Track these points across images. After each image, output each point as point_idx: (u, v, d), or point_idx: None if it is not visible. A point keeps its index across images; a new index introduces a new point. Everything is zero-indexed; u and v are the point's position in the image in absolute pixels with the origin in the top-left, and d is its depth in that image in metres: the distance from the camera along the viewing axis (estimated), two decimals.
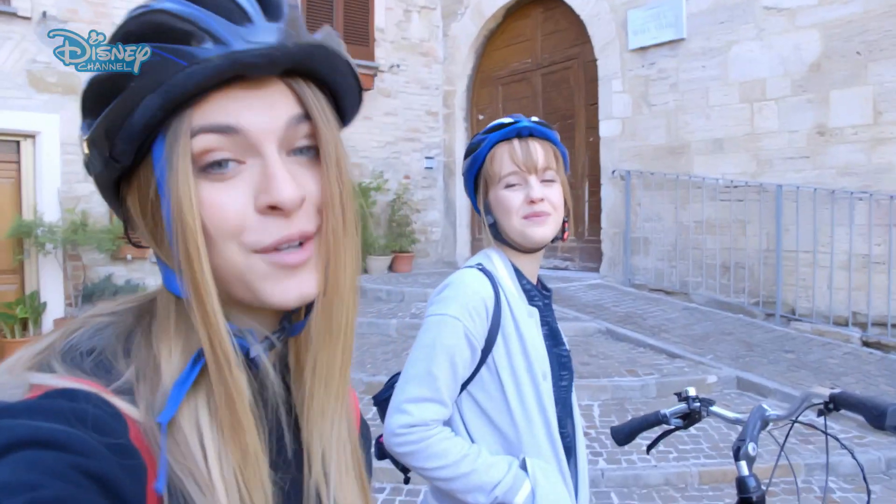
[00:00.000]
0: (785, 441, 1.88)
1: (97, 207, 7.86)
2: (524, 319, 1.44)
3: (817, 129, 6.41)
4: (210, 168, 0.56)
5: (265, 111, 0.57)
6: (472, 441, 1.42)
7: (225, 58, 0.53)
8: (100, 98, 0.57)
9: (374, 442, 1.42)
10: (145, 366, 0.58)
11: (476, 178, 1.54)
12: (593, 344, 6.20)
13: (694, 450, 4.29)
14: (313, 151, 0.61)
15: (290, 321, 0.65)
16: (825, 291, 6.40)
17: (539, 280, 1.58)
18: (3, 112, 7.36)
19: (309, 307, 0.64)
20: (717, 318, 6.86)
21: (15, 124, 7.46)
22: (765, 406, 1.84)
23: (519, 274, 1.51)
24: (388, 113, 10.31)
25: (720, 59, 7.13)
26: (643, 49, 7.86)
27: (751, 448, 1.71)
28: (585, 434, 4.50)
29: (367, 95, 9.92)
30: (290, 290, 0.58)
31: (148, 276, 8.17)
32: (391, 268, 9.81)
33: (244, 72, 0.55)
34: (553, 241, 1.50)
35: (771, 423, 1.85)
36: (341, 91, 0.64)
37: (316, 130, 0.60)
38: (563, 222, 1.51)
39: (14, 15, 7.39)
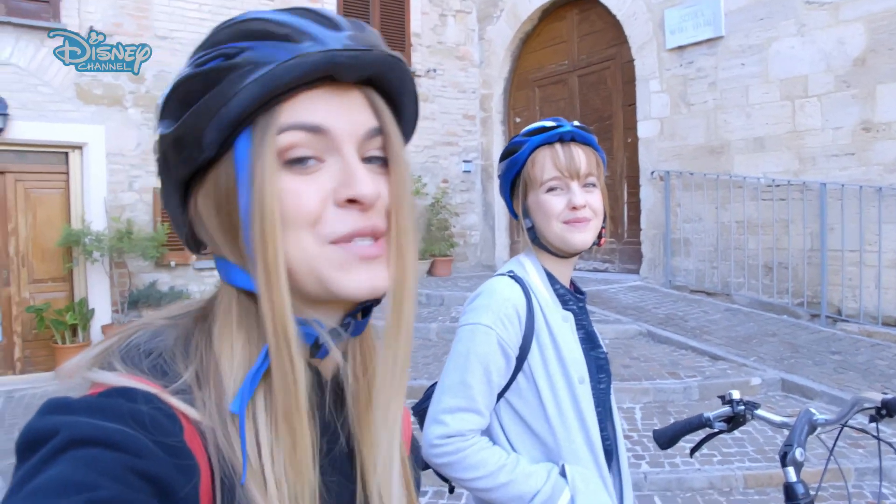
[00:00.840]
0: (834, 446, 1.86)
1: (141, 216, 8.07)
2: (559, 325, 1.43)
3: (862, 124, 6.27)
4: (292, 163, 0.59)
5: (347, 116, 0.60)
6: (513, 449, 1.42)
7: (323, 55, 0.57)
8: (189, 95, 0.59)
9: None
10: (206, 366, 0.59)
11: (513, 180, 1.53)
12: (634, 346, 6.16)
13: (738, 453, 4.24)
14: (381, 161, 0.64)
15: (354, 317, 0.66)
16: (873, 291, 6.26)
17: (573, 283, 1.58)
18: (54, 124, 7.62)
19: (366, 311, 0.67)
20: (761, 319, 6.75)
21: (64, 136, 7.71)
22: (812, 410, 1.82)
23: (552, 279, 1.51)
24: (425, 117, 10.37)
25: (760, 57, 7.03)
26: (681, 48, 7.78)
27: (798, 453, 1.69)
28: (627, 437, 4.50)
29: None
30: (363, 281, 0.60)
31: (191, 283, 8.35)
32: (430, 272, 9.86)
33: (335, 72, 0.59)
34: (590, 246, 1.50)
35: (819, 428, 1.83)
36: (404, 108, 0.67)
37: (387, 142, 0.63)
38: (601, 227, 1.52)
39: (64, 31, 7.63)
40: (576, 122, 1.49)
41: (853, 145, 6.35)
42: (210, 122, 0.58)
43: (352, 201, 0.59)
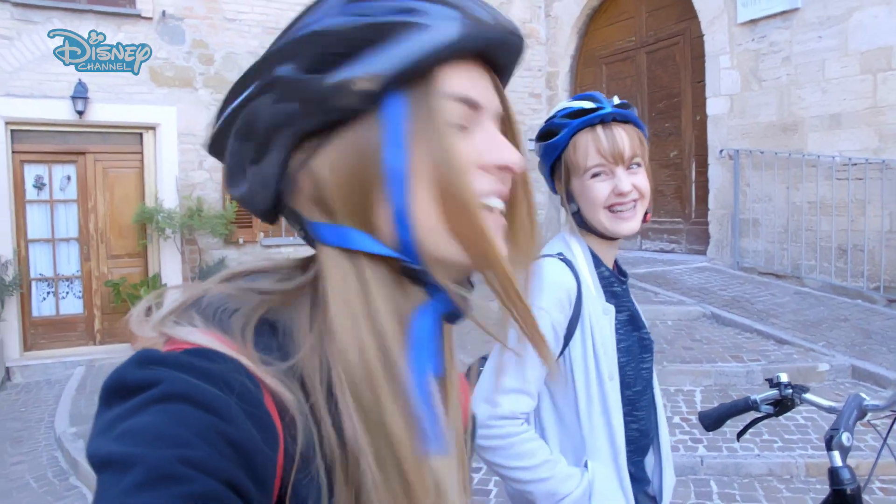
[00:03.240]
0: (888, 434, 1.79)
1: (211, 194, 8.35)
2: (598, 316, 1.41)
3: None
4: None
5: (490, 92, 0.63)
6: (542, 432, 1.42)
7: (496, 26, 0.60)
8: (348, 43, 0.56)
9: None
10: (305, 340, 0.57)
11: (553, 164, 1.49)
12: (697, 328, 6.03)
13: (801, 440, 4.13)
14: None
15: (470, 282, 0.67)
16: None
17: (616, 264, 1.56)
18: (129, 106, 7.95)
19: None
20: (832, 303, 6.50)
21: (139, 117, 8.04)
22: (863, 395, 1.76)
23: (597, 261, 1.48)
24: None
25: (839, 28, 6.69)
26: (753, 22, 7.48)
27: (845, 438, 1.65)
28: (685, 420, 4.43)
29: None
30: (495, 228, 0.62)
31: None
32: None
33: (490, 46, 0.61)
34: None
35: (869, 414, 1.77)
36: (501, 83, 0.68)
37: (509, 126, 0.66)
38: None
39: (139, 17, 7.96)
40: (616, 100, 1.43)
41: None
42: (372, 76, 0.56)
43: (502, 168, 0.62)
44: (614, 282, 1.50)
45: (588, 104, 1.43)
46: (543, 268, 1.40)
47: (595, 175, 1.40)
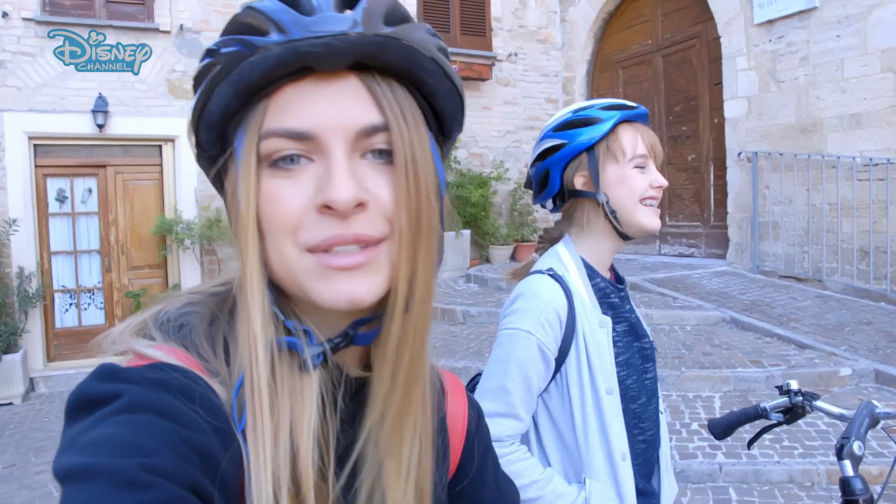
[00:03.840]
0: None
1: None
2: (594, 330, 1.39)
3: None
4: (279, 162, 0.56)
5: (334, 108, 0.55)
6: (542, 450, 1.41)
7: (284, 46, 0.53)
8: (194, 91, 0.59)
9: None
10: (228, 348, 0.59)
11: (577, 153, 1.45)
12: (716, 333, 5.96)
13: (822, 446, 4.05)
14: (390, 156, 0.58)
15: (356, 329, 0.61)
16: None
17: (613, 270, 1.55)
18: (148, 119, 8.05)
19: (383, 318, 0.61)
20: (854, 306, 6.39)
21: (158, 130, 8.14)
22: (875, 402, 1.73)
23: (591, 272, 1.46)
24: (507, 102, 10.32)
25: (858, 27, 6.59)
26: (770, 22, 7.40)
27: (856, 447, 1.62)
28: (704, 427, 4.37)
29: (485, 85, 9.98)
30: (340, 292, 0.56)
31: None
32: (513, 257, 9.84)
33: (306, 62, 0.54)
34: None
35: (882, 422, 1.74)
36: (430, 90, 0.61)
37: (390, 136, 0.57)
38: None
39: (157, 30, 8.07)
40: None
41: None
42: (199, 122, 0.58)
43: (328, 207, 0.54)
44: (611, 292, 1.48)
45: (630, 103, 1.47)
46: (531, 286, 1.40)
47: (638, 166, 1.43)
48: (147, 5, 8.10)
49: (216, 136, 0.59)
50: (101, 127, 7.74)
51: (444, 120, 0.64)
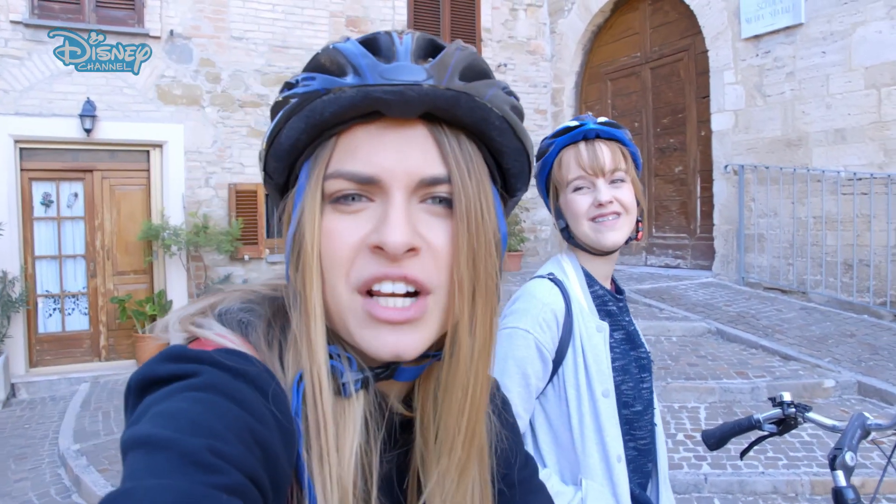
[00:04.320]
0: (892, 453, 1.78)
1: (217, 211, 8.39)
2: (591, 334, 1.41)
3: None
4: (341, 199, 0.57)
5: (399, 156, 0.56)
6: (538, 451, 1.42)
7: (358, 90, 0.55)
8: (271, 119, 0.61)
9: None
10: (280, 359, 0.59)
11: (546, 182, 1.53)
12: (702, 344, 6.00)
13: (806, 457, 4.09)
14: (449, 203, 0.59)
15: (397, 363, 0.61)
16: None
17: (613, 281, 1.57)
18: (137, 124, 8.03)
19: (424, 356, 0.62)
20: (838, 318, 6.46)
21: (146, 135, 8.12)
22: (866, 413, 1.75)
23: (591, 280, 1.49)
24: None
25: (843, 44, 6.70)
26: (757, 37, 7.50)
27: (849, 457, 1.63)
28: (690, 437, 4.40)
29: None
30: (386, 343, 0.56)
31: (264, 276, 8.63)
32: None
33: (377, 107, 0.56)
34: (626, 241, 1.47)
35: (873, 433, 1.76)
36: (497, 147, 0.62)
37: (452, 188, 0.58)
38: (638, 222, 1.49)
39: (147, 35, 8.03)
40: (601, 119, 1.48)
41: None
42: (270, 150, 0.61)
43: (379, 248, 0.55)
44: (609, 300, 1.51)
45: (573, 123, 1.48)
46: (530, 289, 1.43)
47: (577, 189, 1.45)
48: (137, 10, 8.08)
49: (284, 166, 0.61)
50: (88, 132, 7.70)
51: (508, 178, 0.65)
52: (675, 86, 8.97)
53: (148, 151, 8.29)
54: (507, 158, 0.63)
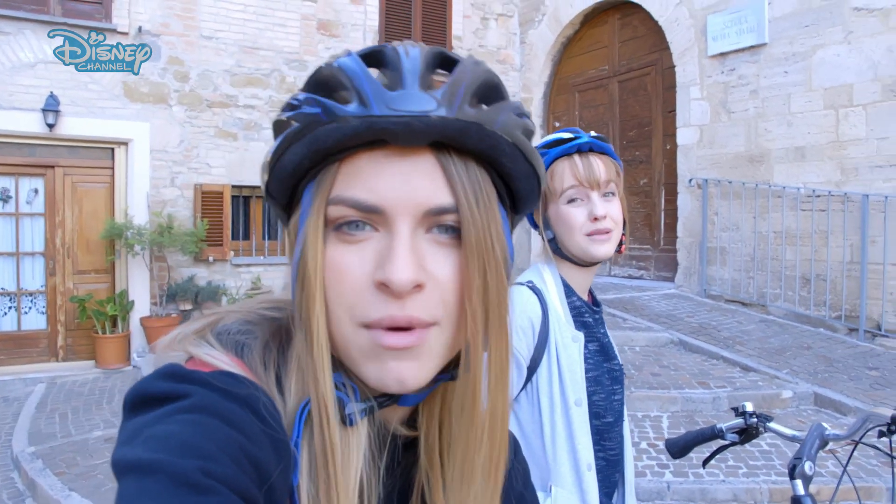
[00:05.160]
0: (847, 462, 1.85)
1: (182, 211, 8.27)
2: (567, 344, 1.43)
3: None
4: (345, 226, 0.56)
5: (405, 185, 0.55)
6: None
7: (362, 120, 0.53)
8: (274, 138, 0.60)
9: None
10: (277, 382, 0.59)
11: None
12: (664, 355, 6.10)
13: (765, 465, 4.18)
14: (457, 232, 0.57)
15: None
16: None
17: (591, 293, 1.59)
18: (101, 121, 7.86)
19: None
20: (796, 331, 6.63)
21: (111, 132, 7.96)
22: (824, 424, 1.81)
23: (569, 291, 1.50)
24: None
25: (804, 65, 6.90)
26: (723, 55, 7.69)
27: (807, 467, 1.68)
28: (652, 446, 4.47)
29: None
30: (389, 373, 0.55)
31: (228, 278, 8.53)
32: None
33: (383, 137, 0.54)
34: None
35: (831, 443, 1.82)
36: (507, 172, 0.60)
37: (460, 218, 0.56)
38: (622, 235, 1.51)
39: (114, 31, 7.89)
40: (592, 133, 1.49)
41: None
42: (272, 171, 0.59)
43: (384, 285, 0.54)
44: (585, 311, 1.53)
45: (567, 135, 1.48)
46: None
47: (571, 201, 1.45)
48: (105, 5, 7.93)
49: (286, 188, 0.60)
50: (51, 126, 7.52)
51: (517, 200, 0.64)
52: (642, 99, 9.13)
53: (113, 149, 8.13)
54: (517, 182, 0.61)
